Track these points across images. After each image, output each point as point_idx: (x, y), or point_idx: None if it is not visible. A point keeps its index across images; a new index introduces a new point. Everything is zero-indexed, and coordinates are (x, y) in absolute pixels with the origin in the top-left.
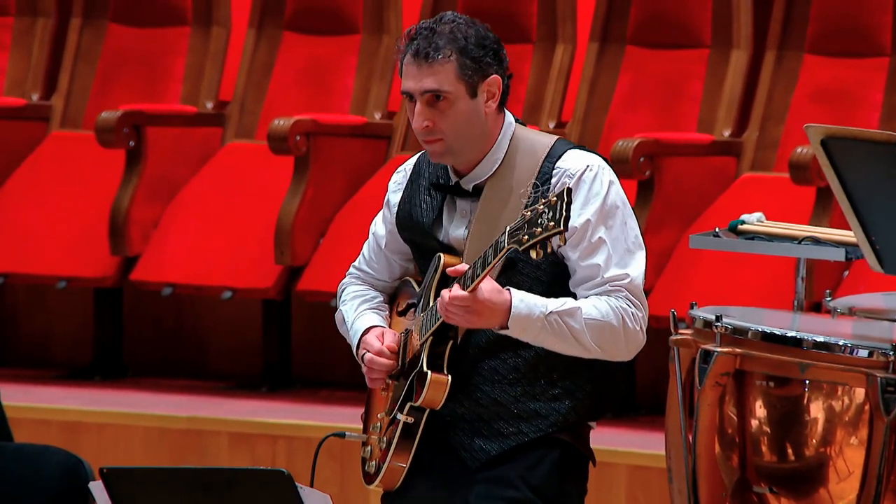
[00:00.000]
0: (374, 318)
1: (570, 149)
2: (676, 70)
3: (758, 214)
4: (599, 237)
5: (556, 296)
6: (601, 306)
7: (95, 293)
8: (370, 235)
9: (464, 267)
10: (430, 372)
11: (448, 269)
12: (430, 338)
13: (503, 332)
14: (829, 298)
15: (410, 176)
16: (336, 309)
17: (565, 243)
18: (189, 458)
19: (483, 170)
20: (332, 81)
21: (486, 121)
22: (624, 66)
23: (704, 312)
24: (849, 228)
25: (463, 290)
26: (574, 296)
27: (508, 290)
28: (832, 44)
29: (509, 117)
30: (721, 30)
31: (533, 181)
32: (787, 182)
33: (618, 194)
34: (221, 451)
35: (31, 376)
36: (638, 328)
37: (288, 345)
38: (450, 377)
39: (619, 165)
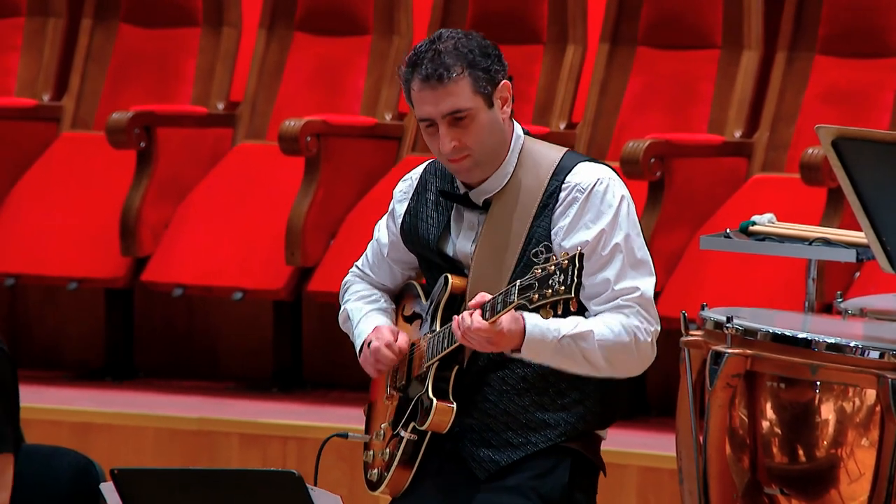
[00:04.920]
0: (382, 319)
1: (580, 162)
2: (687, 71)
3: (769, 215)
4: (610, 250)
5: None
6: (614, 326)
7: (106, 294)
8: (374, 240)
9: (485, 297)
10: (435, 400)
11: (471, 303)
12: (437, 362)
13: (515, 355)
14: (839, 300)
15: (416, 187)
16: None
17: (576, 309)
18: (200, 459)
19: (493, 184)
20: (342, 82)
21: (504, 127)
22: (635, 67)
23: (715, 314)
24: (860, 229)
25: (484, 319)
26: (584, 308)
27: (522, 315)
28: (843, 45)
29: (518, 129)
30: (732, 31)
31: (537, 203)
32: (798, 183)
33: (628, 207)
34: (232, 452)
35: (42, 377)
36: (650, 341)
37: (299, 346)
38: (455, 405)
39: (630, 166)
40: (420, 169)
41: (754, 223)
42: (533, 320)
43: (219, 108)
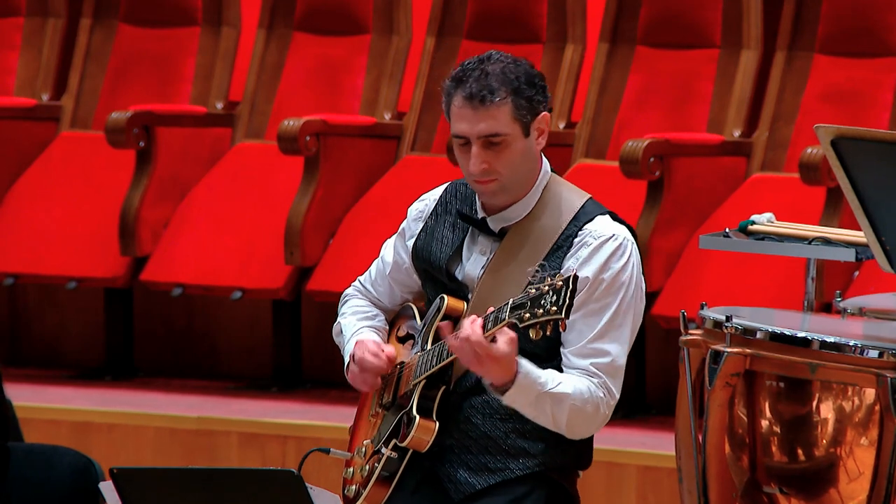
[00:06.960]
0: (372, 336)
1: (601, 214)
2: (687, 70)
3: (768, 215)
4: (602, 305)
5: (546, 349)
6: (584, 391)
7: (106, 293)
8: (379, 258)
9: (476, 319)
10: (418, 416)
11: (466, 321)
12: (424, 381)
13: (496, 395)
14: (839, 299)
15: (435, 208)
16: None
17: (565, 330)
18: (199, 459)
19: (514, 213)
20: (342, 82)
21: (536, 158)
22: (634, 67)
23: (714, 313)
24: (859, 229)
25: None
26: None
27: (518, 359)
28: (842, 44)
29: (546, 165)
30: (731, 30)
31: (552, 243)
32: (798, 182)
33: (632, 272)
34: (231, 451)
35: (41, 376)
36: (607, 413)
37: (298, 345)
38: (437, 424)
39: (629, 166)
40: (440, 190)
41: (753, 222)
42: (525, 369)
43: (218, 107)
